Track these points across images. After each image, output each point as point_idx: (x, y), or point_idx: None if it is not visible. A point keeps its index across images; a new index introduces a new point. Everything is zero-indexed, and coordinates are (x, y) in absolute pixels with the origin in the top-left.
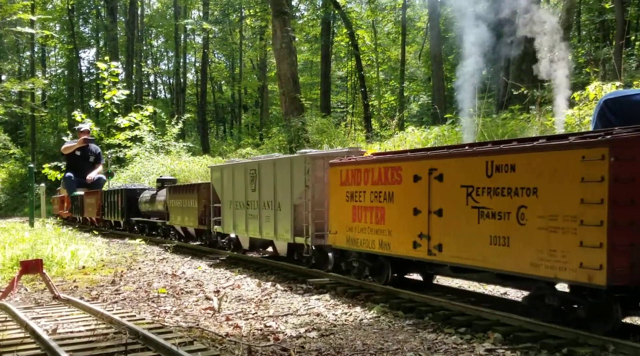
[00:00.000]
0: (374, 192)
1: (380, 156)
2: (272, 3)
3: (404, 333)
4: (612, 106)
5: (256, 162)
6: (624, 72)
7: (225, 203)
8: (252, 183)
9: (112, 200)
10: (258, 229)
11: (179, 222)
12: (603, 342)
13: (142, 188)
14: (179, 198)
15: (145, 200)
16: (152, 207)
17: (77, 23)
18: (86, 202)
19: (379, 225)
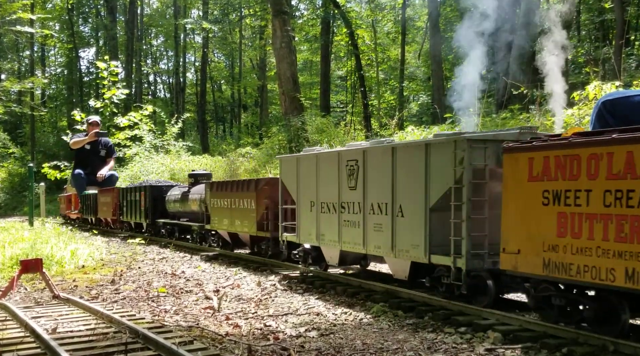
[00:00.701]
0: (614, 191)
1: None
2: (272, 2)
3: (404, 333)
4: (610, 107)
5: (358, 149)
6: (624, 72)
7: (302, 205)
8: (351, 179)
9: (133, 198)
10: (359, 240)
11: (225, 227)
12: (603, 342)
13: (169, 184)
14: (225, 197)
15: (175, 199)
16: (184, 207)
17: (77, 22)
18: (100, 201)
19: (622, 243)
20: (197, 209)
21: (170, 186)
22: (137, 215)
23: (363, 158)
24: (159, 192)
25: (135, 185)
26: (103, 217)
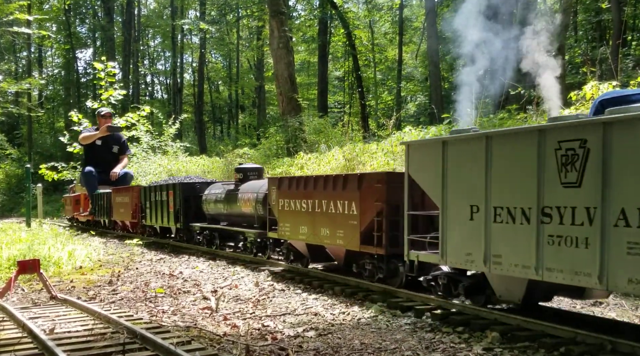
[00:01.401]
0: None
1: None
2: (269, 3)
3: (402, 333)
4: (608, 106)
5: (586, 123)
6: (621, 72)
7: (454, 211)
8: (568, 170)
9: (158, 198)
10: (587, 268)
11: (301, 236)
12: (601, 341)
13: (205, 181)
14: (303, 198)
15: (216, 199)
16: (229, 209)
17: (74, 23)
18: (115, 202)
19: None
20: (249, 211)
21: (207, 183)
22: (163, 218)
23: (601, 137)
24: (192, 190)
25: (160, 183)
26: (119, 220)
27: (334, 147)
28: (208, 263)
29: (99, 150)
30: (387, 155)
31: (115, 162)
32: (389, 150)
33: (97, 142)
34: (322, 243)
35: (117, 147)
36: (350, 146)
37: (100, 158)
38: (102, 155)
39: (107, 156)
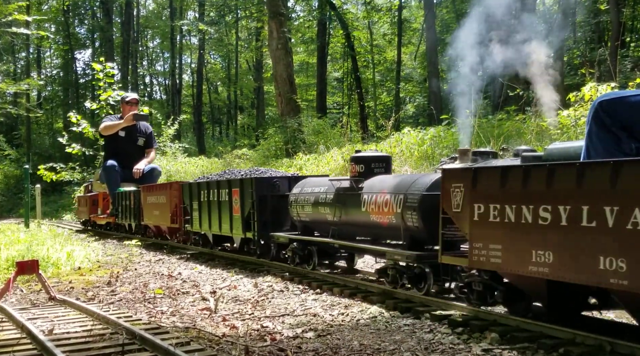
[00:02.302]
0: None
1: None
2: (268, 4)
3: (401, 333)
4: (607, 108)
5: None
6: (619, 74)
7: None
8: None
9: (213, 198)
10: None
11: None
12: (600, 342)
13: (286, 176)
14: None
15: (317, 200)
16: (344, 215)
17: (73, 24)
18: (147, 202)
19: None
20: (387, 220)
21: (289, 178)
22: (222, 224)
23: None
24: (270, 188)
25: (213, 178)
26: (153, 224)
27: (332, 148)
28: (207, 264)
29: (122, 142)
30: None
31: (140, 156)
32: (387, 151)
33: (120, 133)
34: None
35: (142, 139)
36: (349, 147)
37: (124, 152)
38: (125, 148)
39: (132, 149)
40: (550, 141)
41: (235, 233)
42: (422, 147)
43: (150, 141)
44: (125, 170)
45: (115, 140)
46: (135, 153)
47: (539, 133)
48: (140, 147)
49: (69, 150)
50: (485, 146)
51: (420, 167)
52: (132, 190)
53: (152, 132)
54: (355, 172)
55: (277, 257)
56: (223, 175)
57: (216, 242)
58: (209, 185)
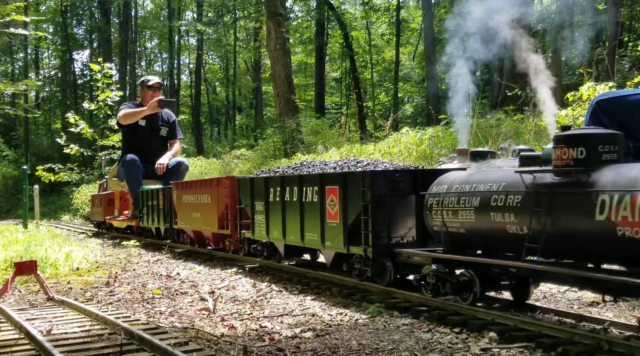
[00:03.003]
0: None
1: None
2: (266, 4)
3: (400, 333)
4: (605, 107)
5: None
6: (617, 73)
7: None
8: None
9: (293, 198)
10: None
11: None
12: (598, 341)
13: (408, 169)
14: None
15: (489, 202)
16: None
17: (71, 24)
18: (182, 202)
19: None
20: None
21: (422, 172)
22: (307, 234)
23: None
24: (392, 185)
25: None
26: (191, 229)
27: (331, 148)
28: (205, 264)
29: (143, 133)
30: (385, 156)
31: (163, 148)
32: (386, 151)
33: (141, 122)
34: None
35: (165, 129)
36: (348, 147)
37: (145, 144)
38: (146, 139)
39: (154, 141)
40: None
41: (328, 246)
42: (421, 147)
43: (175, 131)
44: (147, 165)
45: (134, 130)
46: (157, 146)
47: (537, 133)
48: (163, 138)
49: (67, 151)
50: (483, 146)
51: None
52: (159, 188)
53: (176, 120)
54: (566, 159)
55: (396, 282)
56: (298, 168)
57: (289, 253)
58: (284, 180)
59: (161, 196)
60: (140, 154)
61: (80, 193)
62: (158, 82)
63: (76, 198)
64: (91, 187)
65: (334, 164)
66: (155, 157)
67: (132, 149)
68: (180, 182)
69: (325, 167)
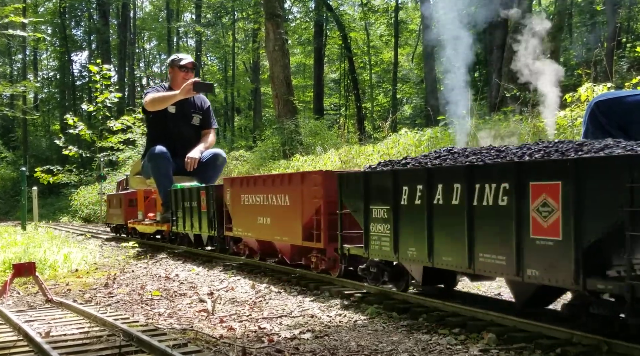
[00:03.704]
0: None
1: None
2: (265, 6)
3: (399, 334)
4: (603, 108)
5: None
6: (615, 74)
7: None
8: None
9: (454, 200)
10: None
11: None
12: (597, 342)
13: None
14: None
15: None
16: None
17: (69, 26)
18: (241, 203)
19: None
20: None
21: None
22: (479, 253)
23: None
24: None
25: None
26: (255, 238)
27: (329, 149)
28: (204, 265)
29: (173, 122)
30: (383, 157)
31: (195, 140)
32: (385, 152)
33: (170, 109)
34: None
35: (198, 117)
36: (346, 148)
37: (174, 135)
38: (176, 129)
39: (185, 131)
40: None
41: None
42: (420, 148)
43: (209, 119)
44: (177, 159)
45: (162, 118)
46: (189, 136)
47: (535, 133)
48: (196, 128)
49: (66, 153)
50: None
51: None
52: (200, 187)
53: (210, 107)
54: None
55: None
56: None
57: (428, 280)
58: (433, 174)
59: (204, 196)
60: (169, 147)
61: (79, 195)
62: (192, 61)
63: (75, 199)
64: (90, 188)
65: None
66: (187, 149)
67: (160, 141)
68: (240, 178)
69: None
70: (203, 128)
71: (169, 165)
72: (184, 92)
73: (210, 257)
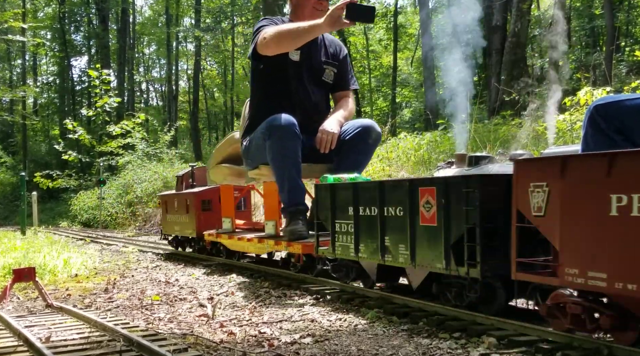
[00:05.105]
0: None
1: None
2: (265, 10)
3: (399, 339)
4: (602, 111)
5: None
6: (614, 78)
7: None
8: None
9: None
10: None
11: None
12: (597, 346)
13: None
14: None
15: None
16: None
17: (69, 31)
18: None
19: None
20: None
21: None
22: None
23: None
24: None
25: None
26: None
27: None
28: (204, 270)
29: (296, 75)
30: (383, 160)
31: (324, 107)
32: (384, 156)
33: (293, 56)
34: None
35: (332, 71)
36: None
37: (297, 97)
38: (300, 86)
39: (312, 90)
40: (547, 145)
41: None
42: (419, 152)
43: (346, 75)
44: (302, 134)
45: (281, 69)
46: (316, 101)
47: (535, 137)
48: (327, 88)
49: (65, 157)
50: (481, 151)
51: (417, 172)
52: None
53: (348, 55)
54: None
55: None
56: None
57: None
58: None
59: (432, 198)
60: (294, 112)
61: (79, 200)
62: None
63: (74, 204)
64: (90, 193)
65: None
66: (313, 120)
67: (274, 106)
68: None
69: None
70: (337, 89)
71: (299, 144)
72: (330, 22)
73: None
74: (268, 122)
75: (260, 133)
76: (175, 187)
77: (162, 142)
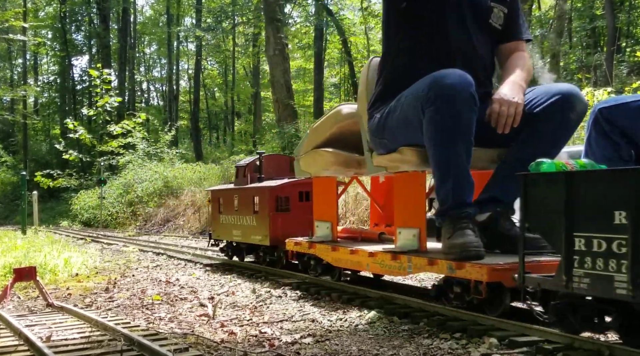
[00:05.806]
0: None
1: None
2: (265, 10)
3: (400, 339)
4: (607, 114)
5: None
6: (615, 78)
7: None
8: None
9: None
10: None
11: None
12: (598, 347)
13: None
14: None
15: None
16: None
17: (70, 30)
18: None
19: None
20: None
21: None
22: None
23: None
24: None
25: None
26: None
27: None
28: (204, 269)
29: (455, 18)
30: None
31: (490, 63)
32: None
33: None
34: None
35: (502, 12)
36: None
37: (462, 48)
38: (461, 34)
39: (476, 40)
40: None
41: None
42: None
43: (517, 20)
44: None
45: (434, 9)
46: (482, 54)
47: None
48: (494, 33)
49: (66, 157)
50: None
51: None
52: None
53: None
54: None
55: None
56: None
57: None
58: None
59: None
60: None
61: (79, 199)
62: None
63: (75, 204)
64: (90, 192)
65: None
66: (479, 81)
67: (426, 61)
68: None
69: None
70: (507, 38)
71: (474, 116)
72: None
73: None
74: (433, 80)
75: (413, 98)
76: (234, 179)
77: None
